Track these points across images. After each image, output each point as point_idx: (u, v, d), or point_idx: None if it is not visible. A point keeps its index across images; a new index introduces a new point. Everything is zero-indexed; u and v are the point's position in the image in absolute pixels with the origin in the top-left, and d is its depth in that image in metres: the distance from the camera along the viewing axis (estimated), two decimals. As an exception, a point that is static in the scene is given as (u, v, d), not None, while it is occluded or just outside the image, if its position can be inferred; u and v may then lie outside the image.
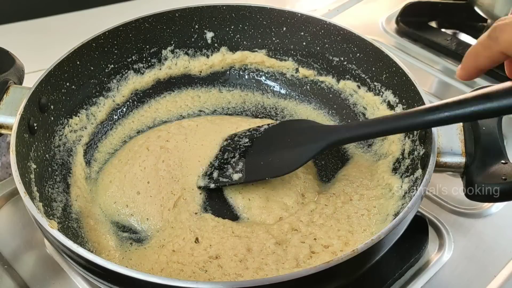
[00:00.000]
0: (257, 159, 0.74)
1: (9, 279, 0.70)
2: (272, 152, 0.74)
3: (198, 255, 0.66)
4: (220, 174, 0.74)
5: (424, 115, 0.60)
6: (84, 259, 0.53)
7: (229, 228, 0.69)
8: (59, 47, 0.78)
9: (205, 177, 0.75)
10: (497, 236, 0.76)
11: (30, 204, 0.58)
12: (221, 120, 0.85)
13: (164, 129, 0.83)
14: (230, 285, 0.52)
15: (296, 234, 0.68)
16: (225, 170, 0.74)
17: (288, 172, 0.71)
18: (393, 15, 1.19)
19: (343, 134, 0.69)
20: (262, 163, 0.73)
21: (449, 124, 0.62)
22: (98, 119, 0.83)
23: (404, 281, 0.71)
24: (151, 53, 0.88)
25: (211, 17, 0.88)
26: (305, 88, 0.90)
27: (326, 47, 0.86)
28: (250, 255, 0.65)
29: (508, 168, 0.61)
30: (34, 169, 0.68)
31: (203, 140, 0.81)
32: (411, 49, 1.11)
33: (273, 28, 0.88)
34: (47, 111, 0.74)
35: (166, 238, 0.68)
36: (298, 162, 0.71)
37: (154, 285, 0.50)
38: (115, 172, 0.77)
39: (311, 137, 0.72)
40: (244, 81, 0.92)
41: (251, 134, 0.78)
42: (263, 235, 0.68)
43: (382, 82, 0.80)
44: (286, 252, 0.65)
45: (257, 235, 0.68)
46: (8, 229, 0.76)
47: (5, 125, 0.69)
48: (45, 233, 0.58)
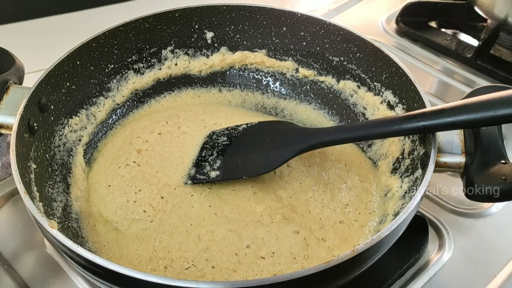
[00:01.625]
0: (235, 158, 0.75)
1: (9, 279, 0.70)
2: (250, 152, 0.75)
3: (188, 249, 0.66)
4: (197, 171, 0.75)
5: (401, 123, 0.63)
6: (84, 259, 0.53)
7: (220, 220, 0.69)
8: (59, 47, 0.78)
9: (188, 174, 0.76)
10: (497, 236, 0.76)
11: (30, 204, 0.58)
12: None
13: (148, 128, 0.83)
14: (230, 285, 0.52)
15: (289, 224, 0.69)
16: (203, 168, 0.75)
17: (265, 172, 0.73)
18: (393, 15, 1.19)
19: (321, 138, 0.71)
20: (240, 162, 0.74)
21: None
22: (98, 119, 0.83)
23: (404, 281, 0.71)
24: (151, 53, 0.88)
25: (211, 17, 0.88)
26: (305, 88, 0.90)
27: (326, 47, 0.86)
28: (243, 248, 0.66)
29: (508, 168, 0.61)
30: (34, 169, 0.68)
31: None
32: (411, 49, 1.11)
33: (273, 28, 0.88)
34: (47, 111, 0.74)
35: (152, 234, 0.68)
36: (275, 163, 0.72)
37: (154, 285, 0.50)
38: (101, 173, 0.77)
39: (289, 139, 0.73)
40: (244, 81, 0.92)
41: (229, 133, 0.78)
42: (254, 226, 0.68)
43: (382, 82, 0.80)
44: (279, 242, 0.66)
45: (247, 225, 0.68)
46: (8, 229, 0.76)
47: (5, 125, 0.69)
48: (45, 233, 0.58)
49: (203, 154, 0.77)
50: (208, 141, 0.79)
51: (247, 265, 0.65)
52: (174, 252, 0.66)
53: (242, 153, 0.75)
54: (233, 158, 0.75)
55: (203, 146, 0.78)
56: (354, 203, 0.73)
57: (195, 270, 0.65)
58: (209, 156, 0.76)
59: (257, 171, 0.73)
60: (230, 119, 0.84)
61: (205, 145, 0.78)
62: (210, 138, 0.79)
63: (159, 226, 0.70)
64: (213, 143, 0.78)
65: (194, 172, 0.75)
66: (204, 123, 0.83)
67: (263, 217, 0.70)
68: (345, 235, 0.69)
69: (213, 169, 0.74)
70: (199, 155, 0.77)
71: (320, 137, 0.71)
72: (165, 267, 0.65)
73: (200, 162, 0.76)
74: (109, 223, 0.71)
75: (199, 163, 0.76)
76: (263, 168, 0.72)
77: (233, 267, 0.65)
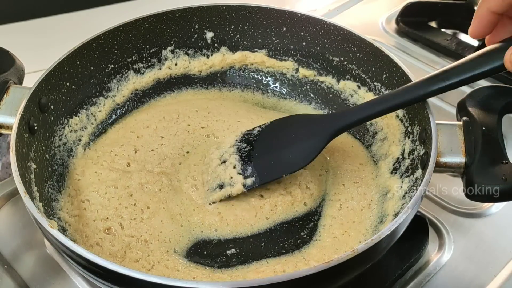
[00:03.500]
0: (265, 160, 0.73)
1: (9, 279, 0.70)
2: (279, 150, 0.73)
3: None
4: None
5: (423, 87, 0.65)
6: (84, 259, 0.53)
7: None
8: (59, 47, 0.78)
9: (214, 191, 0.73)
10: (497, 236, 0.76)
11: (30, 204, 0.58)
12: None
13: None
14: (230, 285, 0.52)
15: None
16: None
17: (305, 165, 0.71)
18: (393, 15, 1.19)
19: (348, 119, 0.70)
20: (273, 163, 0.72)
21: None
22: (98, 119, 0.83)
23: (404, 281, 0.71)
24: (151, 53, 0.88)
25: (211, 17, 0.88)
26: (305, 88, 0.90)
27: (326, 47, 0.86)
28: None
29: (509, 168, 0.61)
30: (34, 169, 0.68)
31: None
32: (411, 49, 1.11)
33: (273, 28, 0.88)
34: (47, 111, 0.74)
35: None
36: (312, 153, 0.71)
37: (154, 285, 0.50)
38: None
39: (316, 128, 0.72)
40: (244, 81, 0.92)
41: (246, 139, 0.76)
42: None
43: (382, 82, 0.80)
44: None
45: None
46: (8, 229, 0.76)
47: (5, 125, 0.69)
48: (45, 233, 0.58)
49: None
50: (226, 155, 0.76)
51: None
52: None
53: (271, 153, 0.73)
54: (264, 160, 0.73)
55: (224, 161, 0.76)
56: (354, 203, 0.73)
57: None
58: (237, 167, 0.74)
59: (296, 166, 0.71)
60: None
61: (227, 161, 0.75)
62: (227, 153, 0.76)
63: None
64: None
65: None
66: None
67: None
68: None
69: (246, 177, 0.72)
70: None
71: (347, 119, 0.70)
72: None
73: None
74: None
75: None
76: (302, 161, 0.71)
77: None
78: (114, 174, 0.75)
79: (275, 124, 0.77)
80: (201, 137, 0.82)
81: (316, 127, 0.72)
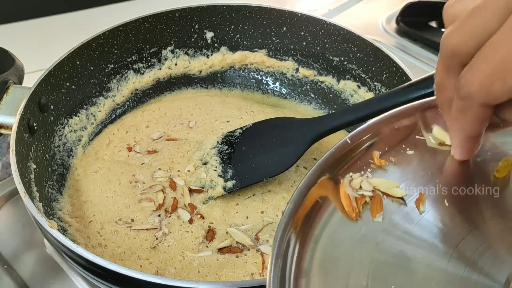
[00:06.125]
0: (246, 163, 0.73)
1: (9, 279, 0.70)
2: (260, 154, 0.73)
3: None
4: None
5: (409, 93, 0.62)
6: (84, 259, 0.53)
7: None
8: (59, 47, 0.78)
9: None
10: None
11: (30, 204, 0.58)
12: None
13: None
14: (230, 285, 0.52)
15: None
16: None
17: (285, 169, 0.71)
18: (393, 15, 1.18)
19: (329, 124, 0.70)
20: (254, 166, 0.72)
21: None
22: (98, 119, 0.83)
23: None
24: (151, 53, 0.88)
25: (211, 17, 0.88)
26: (305, 88, 0.90)
27: (326, 47, 0.86)
28: None
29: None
30: (34, 169, 0.68)
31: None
32: (411, 49, 1.11)
33: (273, 28, 0.88)
34: (47, 111, 0.74)
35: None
36: (293, 158, 0.71)
37: (154, 285, 0.50)
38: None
39: (297, 132, 0.72)
40: (244, 81, 0.92)
41: (227, 141, 0.76)
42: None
43: (382, 82, 0.80)
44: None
45: None
46: (8, 229, 0.76)
47: (5, 125, 0.69)
48: (45, 233, 0.58)
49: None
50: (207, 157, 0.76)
51: None
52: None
53: (252, 157, 0.73)
54: (244, 163, 0.73)
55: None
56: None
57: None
58: (218, 170, 0.74)
59: (277, 170, 0.71)
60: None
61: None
62: (208, 154, 0.76)
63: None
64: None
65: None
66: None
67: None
68: None
69: (226, 179, 0.72)
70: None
71: (328, 124, 0.70)
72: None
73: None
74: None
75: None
76: (282, 166, 0.71)
77: None
78: (115, 170, 0.75)
79: (257, 126, 0.77)
80: (205, 131, 0.82)
81: (297, 132, 0.72)
